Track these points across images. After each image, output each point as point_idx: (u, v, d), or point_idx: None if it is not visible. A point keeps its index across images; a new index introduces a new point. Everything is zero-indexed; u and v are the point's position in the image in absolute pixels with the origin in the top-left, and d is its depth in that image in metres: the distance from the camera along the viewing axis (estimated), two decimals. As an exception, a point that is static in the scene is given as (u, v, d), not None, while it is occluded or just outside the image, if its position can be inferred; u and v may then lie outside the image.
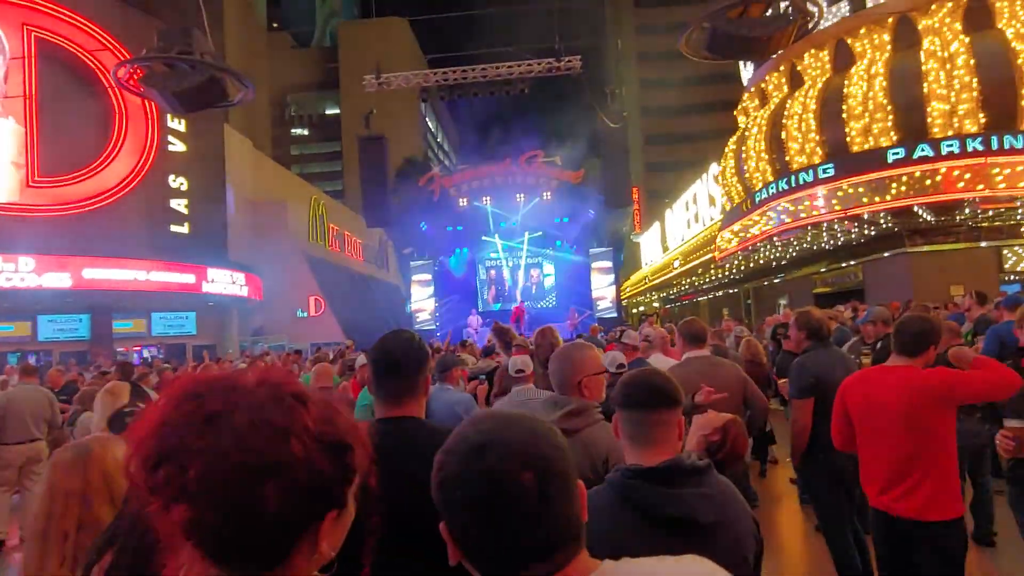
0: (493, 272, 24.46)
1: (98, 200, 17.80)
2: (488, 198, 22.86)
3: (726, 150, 22.19)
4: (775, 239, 18.17)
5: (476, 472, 0.77)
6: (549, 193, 22.07)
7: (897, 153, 15.14)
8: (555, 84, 17.99)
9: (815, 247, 19.38)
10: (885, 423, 2.62)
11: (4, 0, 16.63)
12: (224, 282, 20.15)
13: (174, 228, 19.92)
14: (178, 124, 19.88)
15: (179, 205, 20.11)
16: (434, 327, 22.51)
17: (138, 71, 9.39)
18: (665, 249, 33.35)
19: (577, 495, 0.81)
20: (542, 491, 0.75)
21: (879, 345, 4.81)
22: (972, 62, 14.92)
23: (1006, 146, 14.15)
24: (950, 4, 15.87)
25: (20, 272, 15.56)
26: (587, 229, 22.66)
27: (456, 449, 0.81)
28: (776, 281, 24.43)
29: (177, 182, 19.99)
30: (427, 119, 64.56)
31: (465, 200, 22.80)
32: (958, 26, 15.77)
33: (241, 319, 23.33)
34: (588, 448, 2.05)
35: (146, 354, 19.47)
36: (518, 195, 22.52)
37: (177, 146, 20.07)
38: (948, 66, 15.14)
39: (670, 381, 1.52)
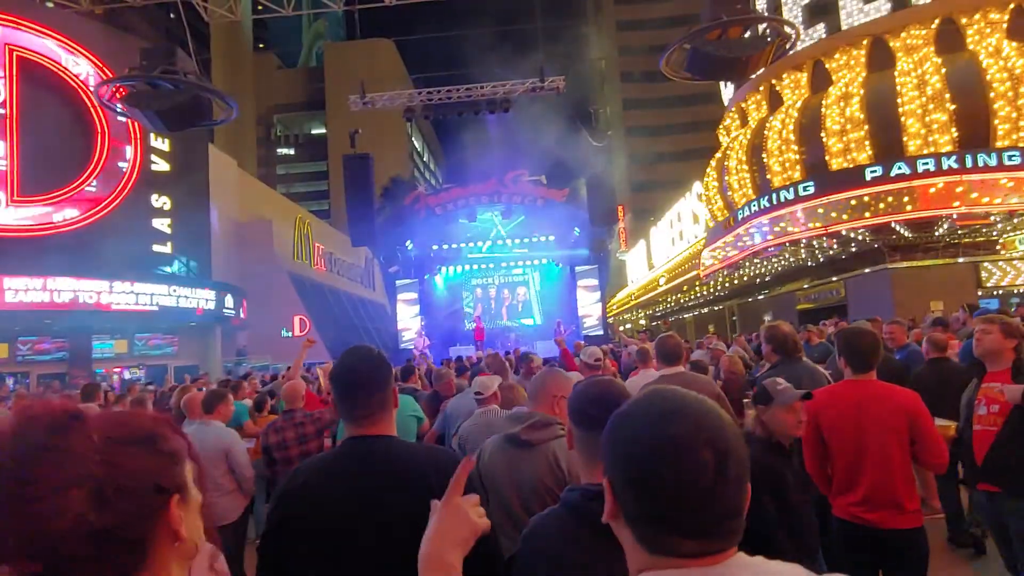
0: (479, 291, 24.44)
1: (81, 220, 17.61)
2: (473, 217, 22.91)
3: (708, 169, 22.48)
4: (758, 256, 18.36)
5: (657, 437, 0.76)
6: (535, 211, 22.18)
7: (875, 171, 15.44)
8: (540, 104, 18.16)
9: (797, 264, 19.61)
10: (861, 436, 2.66)
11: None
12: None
13: (156, 247, 19.72)
14: (162, 143, 19.77)
15: (162, 224, 19.93)
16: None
17: (121, 90, 9.37)
18: (651, 267, 33.57)
19: (747, 491, 0.79)
20: (719, 472, 0.74)
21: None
22: (945, 82, 15.31)
23: (980, 164, 14.48)
24: (922, 26, 16.33)
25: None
26: (573, 247, 22.75)
27: (639, 412, 0.81)
28: (760, 298, 24.65)
29: (160, 201, 19.82)
30: (413, 139, 64.85)
31: (451, 219, 22.82)
32: (931, 48, 16.21)
33: (225, 339, 23.05)
34: (549, 460, 2.10)
35: (127, 375, 19.15)
36: (504, 213, 22.60)
37: (160, 165, 19.94)
38: (922, 86, 15.53)
39: (624, 396, 1.45)
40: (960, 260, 16.75)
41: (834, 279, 19.06)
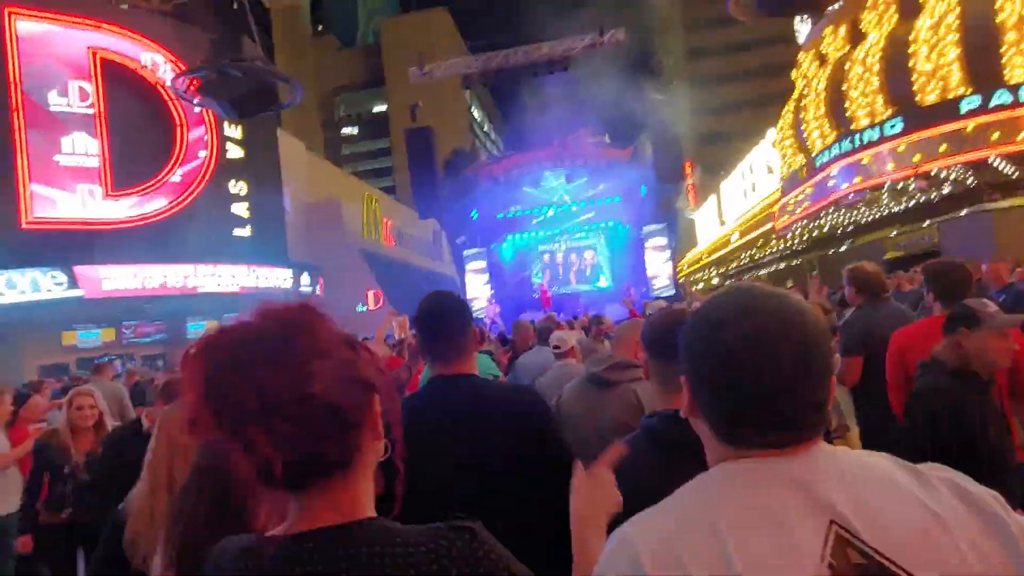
0: (546, 257, 24.38)
1: (168, 209, 18.66)
2: (537, 182, 22.75)
3: (783, 114, 21.31)
4: (839, 204, 17.37)
5: (735, 331, 0.75)
6: (599, 172, 21.76)
7: (971, 102, 14.17)
8: (600, 59, 17.59)
9: (884, 210, 18.41)
10: None
11: (71, 25, 17.56)
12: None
13: (237, 232, 20.66)
14: (234, 131, 20.55)
15: (240, 209, 20.84)
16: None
17: (195, 82, 9.78)
18: (722, 223, 32.44)
19: (831, 384, 0.77)
20: (800, 366, 0.73)
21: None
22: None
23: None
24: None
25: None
26: (639, 207, 22.22)
27: (717, 307, 0.80)
28: (843, 249, 23.37)
29: (237, 187, 20.71)
30: (472, 110, 64.72)
31: (514, 186, 22.74)
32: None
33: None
34: (629, 400, 2.14)
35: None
36: (567, 177, 22.30)
37: (235, 152, 20.77)
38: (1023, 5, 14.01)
39: None
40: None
41: (926, 224, 17.78)
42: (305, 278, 22.22)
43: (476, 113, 67.30)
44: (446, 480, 1.44)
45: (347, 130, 63.91)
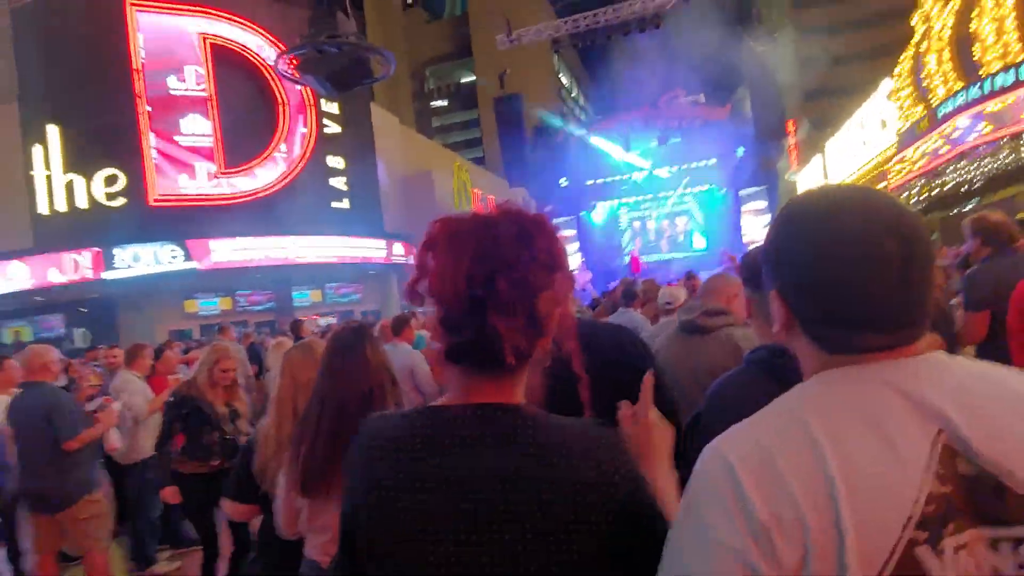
0: (637, 223, 23.85)
1: (274, 184, 19.78)
2: (628, 147, 22.16)
3: (900, 62, 19.49)
4: (965, 158, 15.78)
5: (830, 230, 0.70)
6: (693, 134, 20.88)
7: None
8: (694, 12, 16.68)
9: (1018, 163, 16.53)
10: None
11: (184, 13, 18.79)
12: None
13: (335, 204, 21.60)
14: (332, 107, 21.36)
15: (338, 183, 21.75)
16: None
17: (295, 60, 10.22)
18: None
19: (934, 277, 0.72)
20: (905, 260, 0.68)
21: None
22: None
23: None
24: None
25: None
26: (736, 169, 21.18)
27: (804, 209, 0.75)
28: (967, 208, 21.25)
29: (335, 161, 21.59)
30: (560, 75, 63.68)
31: (603, 152, 22.27)
32: None
33: (400, 285, 24.96)
34: (726, 345, 2.10)
35: (322, 322, 21.61)
36: (659, 139, 21.58)
37: (332, 127, 21.61)
38: None
39: None
40: None
41: (1071, 178, 15.81)
42: (397, 248, 22.95)
43: (564, 79, 66.18)
44: None
45: (437, 102, 64.73)
